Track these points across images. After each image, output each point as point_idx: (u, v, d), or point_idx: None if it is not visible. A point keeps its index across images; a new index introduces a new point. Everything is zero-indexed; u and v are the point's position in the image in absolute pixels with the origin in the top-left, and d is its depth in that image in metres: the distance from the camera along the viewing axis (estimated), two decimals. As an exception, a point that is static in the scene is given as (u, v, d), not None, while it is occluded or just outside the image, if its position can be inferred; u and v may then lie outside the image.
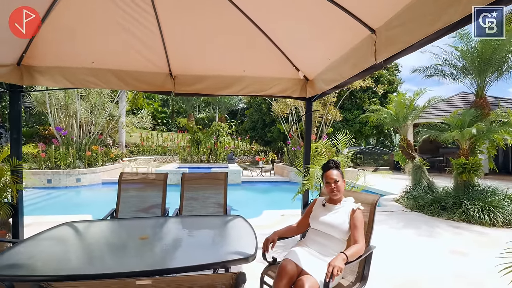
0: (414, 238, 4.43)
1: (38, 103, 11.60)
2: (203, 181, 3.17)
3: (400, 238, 4.42)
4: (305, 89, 3.69)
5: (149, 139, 21.20)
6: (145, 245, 1.89)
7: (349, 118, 15.63)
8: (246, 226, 2.22)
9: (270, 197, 9.20)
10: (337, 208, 2.20)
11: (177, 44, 3.20)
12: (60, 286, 0.71)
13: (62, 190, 9.28)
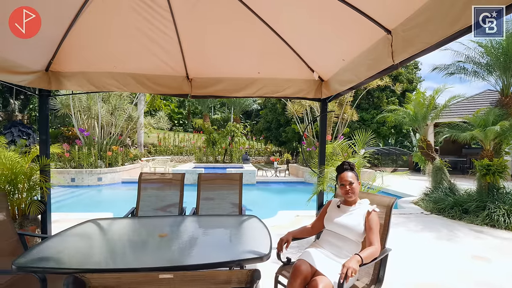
0: (433, 242, 4.30)
1: (62, 105, 12.19)
2: (219, 182, 3.24)
3: (418, 241, 4.31)
4: (320, 90, 3.68)
5: (166, 139, 21.71)
6: (164, 242, 1.97)
7: (366, 118, 15.32)
8: (261, 226, 2.26)
9: (285, 198, 9.19)
10: (352, 209, 2.19)
11: (194, 48, 3.29)
12: (91, 277, 0.77)
13: (85, 189, 9.71)
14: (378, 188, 3.85)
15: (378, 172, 4.82)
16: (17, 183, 3.34)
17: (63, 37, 3.01)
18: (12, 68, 2.85)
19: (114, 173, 10.74)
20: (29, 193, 3.42)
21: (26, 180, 3.40)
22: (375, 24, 2.16)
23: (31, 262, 1.62)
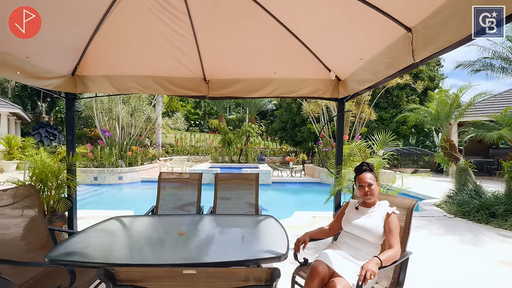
0: (457, 246, 4.13)
1: (86, 107, 12.74)
2: (236, 181, 3.29)
3: (441, 245, 4.15)
4: (337, 90, 3.64)
5: (183, 139, 22.15)
6: (183, 240, 2.03)
7: (385, 117, 14.92)
8: (278, 227, 2.27)
9: (300, 198, 9.13)
10: (371, 211, 2.16)
11: (211, 50, 3.35)
12: (120, 270, 0.82)
13: (106, 187, 10.10)
14: (398, 190, 3.75)
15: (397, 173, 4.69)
16: (47, 181, 3.54)
17: (88, 42, 3.16)
18: (40, 73, 3.03)
19: (134, 172, 11.09)
20: (57, 191, 3.61)
21: (54, 178, 3.59)
22: (395, 22, 2.11)
23: (61, 255, 1.72)
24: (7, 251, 1.92)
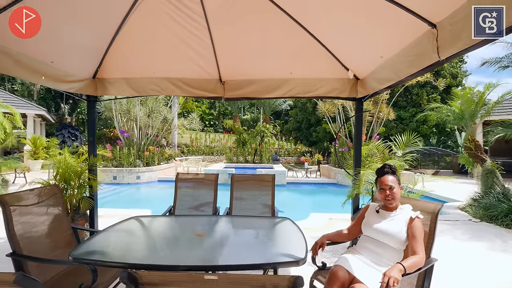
0: (485, 253, 3.92)
1: (106, 109, 13.17)
2: (251, 182, 3.27)
3: (467, 252, 3.96)
4: (355, 89, 3.55)
5: (198, 140, 22.44)
6: (201, 241, 2.04)
7: (404, 117, 14.45)
8: (295, 229, 2.24)
9: (316, 200, 9.01)
10: (393, 215, 2.08)
11: (227, 51, 3.36)
12: (142, 274, 0.82)
13: (125, 186, 10.39)
14: (420, 193, 3.60)
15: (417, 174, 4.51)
16: (70, 181, 3.68)
17: (108, 46, 3.24)
18: (64, 77, 3.14)
19: (151, 172, 11.35)
20: (80, 190, 3.74)
21: (77, 178, 3.72)
22: (418, 18, 2.02)
23: (84, 254, 1.77)
24: (34, 248, 2.00)
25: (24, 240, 1.93)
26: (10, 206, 1.90)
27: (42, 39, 2.74)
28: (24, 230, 1.97)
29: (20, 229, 1.94)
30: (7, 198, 1.92)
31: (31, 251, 1.95)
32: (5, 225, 1.85)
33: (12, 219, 1.89)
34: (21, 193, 2.05)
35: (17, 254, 1.84)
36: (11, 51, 2.52)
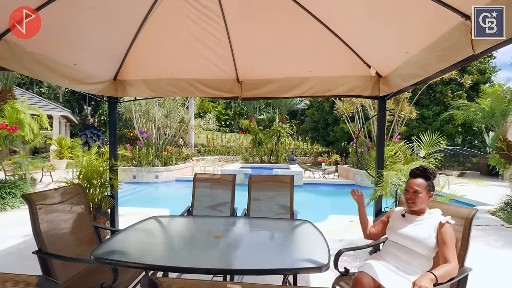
0: (521, 261, 3.64)
1: (126, 110, 13.55)
2: (269, 183, 3.22)
3: (501, 259, 3.69)
4: (378, 87, 3.41)
5: (214, 140, 22.64)
6: (220, 243, 2.01)
7: (427, 116, 13.84)
8: (316, 233, 2.16)
9: (334, 201, 8.80)
10: (420, 220, 1.95)
11: (244, 50, 3.33)
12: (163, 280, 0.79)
13: (144, 185, 10.63)
14: (449, 196, 3.39)
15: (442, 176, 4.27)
16: (92, 180, 3.78)
17: (128, 49, 3.30)
18: (86, 79, 3.22)
19: (169, 171, 11.55)
20: (101, 189, 3.83)
21: (99, 177, 3.81)
22: (449, 9, 1.88)
23: (105, 254, 1.78)
24: (58, 246, 2.05)
25: (49, 238, 1.98)
26: (36, 205, 1.96)
27: (67, 43, 2.83)
28: (49, 228, 2.02)
29: (45, 227, 1.99)
30: (33, 196, 1.97)
31: (56, 249, 2.00)
32: (32, 223, 1.91)
33: (38, 217, 1.94)
34: (46, 192, 2.11)
35: (42, 252, 1.88)
36: (40, 57, 2.62)
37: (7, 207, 5.54)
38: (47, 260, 1.89)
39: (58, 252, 1.99)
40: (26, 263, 1.87)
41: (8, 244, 3.77)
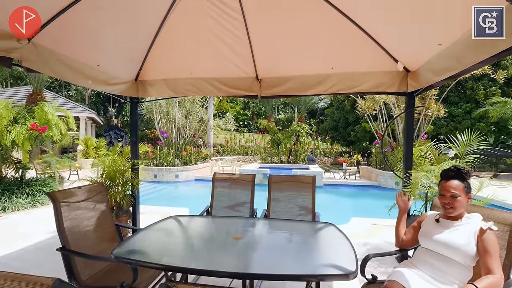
0: None
1: (147, 110, 13.93)
2: (290, 184, 3.11)
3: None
4: (406, 82, 3.21)
5: (232, 140, 22.76)
6: (239, 245, 1.94)
7: (456, 114, 13.06)
8: (341, 237, 2.04)
9: (357, 203, 8.49)
10: (458, 225, 1.78)
11: (264, 47, 3.25)
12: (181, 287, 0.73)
13: (164, 184, 10.85)
14: (485, 200, 3.12)
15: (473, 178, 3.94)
16: (114, 178, 3.86)
17: (149, 49, 3.33)
18: (108, 80, 3.28)
19: (188, 171, 11.72)
20: (123, 188, 3.90)
21: (121, 176, 3.89)
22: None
23: (125, 253, 1.77)
24: (81, 243, 2.08)
25: (72, 236, 2.01)
26: (60, 202, 1.99)
27: (91, 44, 2.89)
28: (72, 225, 2.05)
29: (68, 225, 2.02)
30: (57, 194, 2.01)
31: (79, 246, 2.03)
32: (56, 221, 1.94)
33: (62, 214, 1.97)
34: (69, 190, 2.15)
35: (65, 249, 1.91)
36: (65, 58, 2.69)
37: (37, 204, 5.83)
38: (70, 257, 1.91)
39: (81, 249, 2.01)
40: (55, 258, 1.92)
41: (37, 240, 3.93)
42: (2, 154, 5.72)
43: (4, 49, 2.15)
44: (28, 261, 3.27)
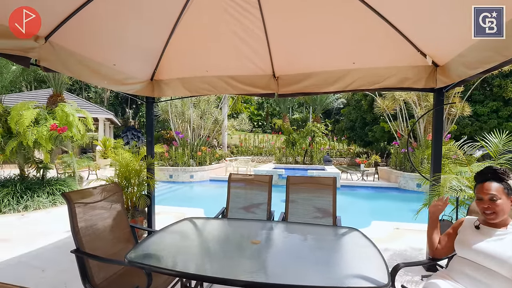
0: None
1: (163, 111, 14.11)
2: (309, 186, 2.97)
3: None
4: (434, 78, 2.99)
5: (247, 140, 22.72)
6: (257, 250, 1.83)
7: (481, 112, 12.38)
8: (367, 244, 1.88)
9: (376, 206, 8.17)
10: (502, 234, 1.59)
11: (281, 43, 3.13)
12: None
13: (180, 185, 10.92)
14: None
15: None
16: (130, 178, 3.85)
17: (164, 47, 3.29)
18: (124, 79, 3.26)
19: (203, 171, 11.74)
20: (139, 188, 3.89)
21: (136, 176, 3.88)
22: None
23: (140, 257, 1.70)
24: (96, 245, 2.03)
25: (86, 237, 1.96)
26: (74, 203, 1.95)
27: (107, 43, 2.88)
28: (86, 226, 2.01)
29: (83, 226, 1.98)
30: (72, 195, 1.97)
31: (93, 247, 1.98)
32: (70, 222, 1.90)
33: (77, 216, 1.93)
34: (84, 190, 2.11)
35: (79, 251, 1.86)
36: (82, 58, 2.68)
37: (58, 203, 5.97)
38: (84, 259, 1.87)
39: (95, 251, 1.97)
40: (72, 258, 1.89)
41: (56, 238, 3.99)
42: (25, 154, 5.90)
43: (22, 49, 2.15)
44: (47, 259, 3.30)
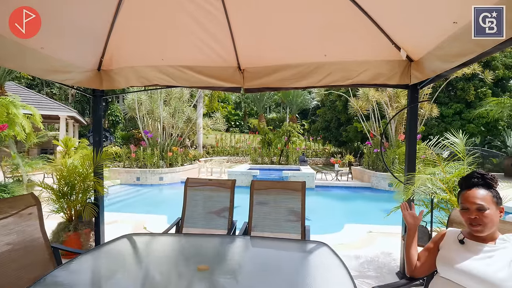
0: None
1: (129, 109, 13.23)
2: (276, 191, 2.64)
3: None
4: (408, 73, 2.79)
5: (223, 140, 22.23)
6: (204, 280, 1.45)
7: (446, 114, 12.92)
8: (336, 264, 1.57)
9: (350, 206, 8.10)
10: (491, 250, 1.36)
11: (245, 33, 2.79)
12: None
13: (147, 188, 10.22)
14: None
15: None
16: (75, 184, 3.31)
17: (109, 32, 2.80)
18: (62, 67, 2.74)
19: (174, 173, 11.12)
20: (84, 195, 3.36)
21: (81, 181, 3.34)
22: None
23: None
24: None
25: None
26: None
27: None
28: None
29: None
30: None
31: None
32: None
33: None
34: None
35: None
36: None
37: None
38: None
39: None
40: None
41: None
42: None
43: None
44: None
